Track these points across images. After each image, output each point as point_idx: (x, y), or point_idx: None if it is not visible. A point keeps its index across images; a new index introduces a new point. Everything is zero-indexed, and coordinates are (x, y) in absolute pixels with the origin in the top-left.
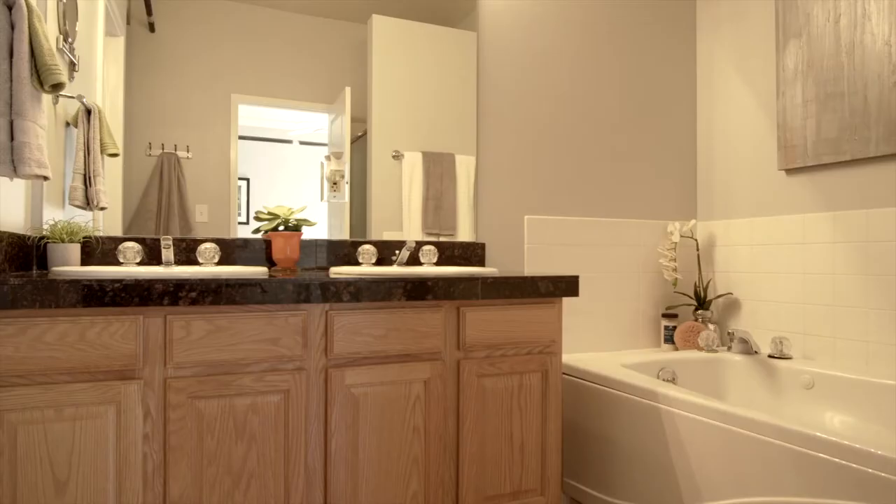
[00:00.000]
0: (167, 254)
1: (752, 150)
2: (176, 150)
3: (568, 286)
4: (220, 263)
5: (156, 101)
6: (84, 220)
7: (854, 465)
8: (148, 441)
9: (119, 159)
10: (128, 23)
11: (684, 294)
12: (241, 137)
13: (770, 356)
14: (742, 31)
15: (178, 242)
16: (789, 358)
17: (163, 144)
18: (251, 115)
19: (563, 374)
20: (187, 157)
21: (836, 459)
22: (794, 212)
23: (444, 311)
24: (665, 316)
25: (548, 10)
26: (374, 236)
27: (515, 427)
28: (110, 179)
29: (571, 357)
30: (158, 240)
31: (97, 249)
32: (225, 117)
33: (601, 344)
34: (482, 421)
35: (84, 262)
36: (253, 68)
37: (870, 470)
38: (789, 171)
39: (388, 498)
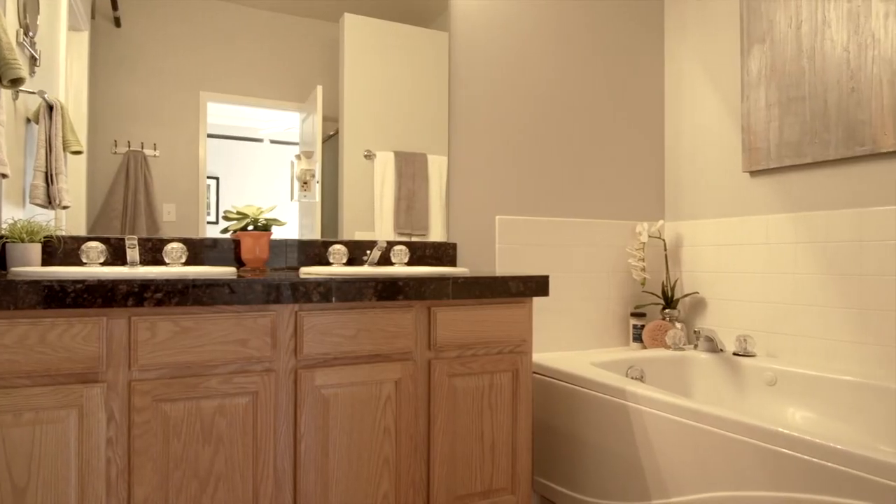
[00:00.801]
0: (132, 254)
1: (718, 152)
2: (143, 147)
3: (538, 286)
4: (187, 263)
5: (122, 97)
6: (45, 219)
7: (815, 460)
8: (111, 445)
9: (83, 157)
10: (92, 17)
11: (652, 293)
12: (210, 136)
13: (735, 354)
14: (708, 36)
15: (144, 242)
16: (753, 355)
17: (129, 142)
18: (221, 113)
19: (534, 373)
20: (154, 156)
21: (798, 454)
22: (758, 213)
23: (415, 311)
24: (634, 315)
25: (519, 12)
26: (346, 236)
27: (486, 426)
28: (74, 178)
29: (542, 356)
30: (123, 239)
31: (59, 249)
32: (194, 115)
33: (571, 343)
34: (453, 421)
35: (45, 263)
36: (223, 66)
37: (830, 464)
38: (753, 173)
39: (359, 499)
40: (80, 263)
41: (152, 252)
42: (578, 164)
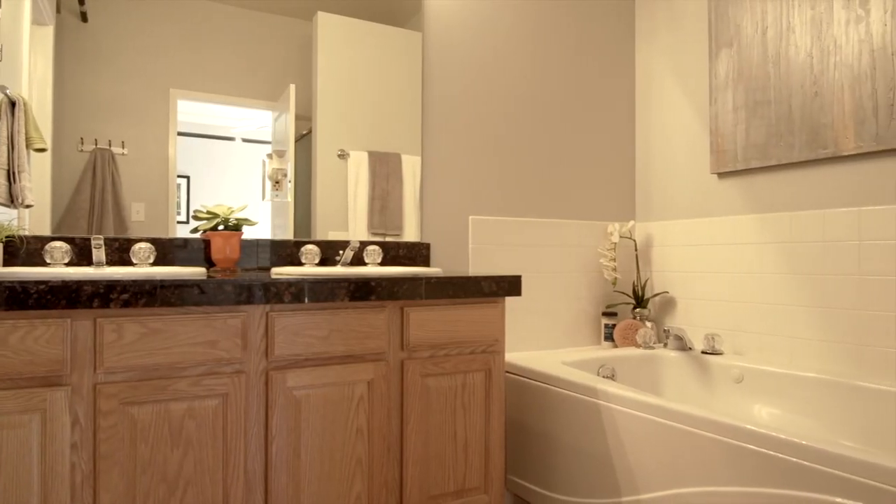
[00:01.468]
0: (98, 254)
1: (687, 154)
2: (110, 145)
3: (511, 286)
4: (156, 264)
5: (88, 94)
6: (7, 218)
7: (780, 455)
8: (76, 450)
9: (47, 155)
10: (58, 11)
11: (623, 293)
12: (180, 134)
13: (703, 352)
14: (678, 40)
15: (111, 242)
16: (721, 353)
17: (96, 140)
18: (191, 111)
19: (507, 372)
20: (122, 154)
21: (764, 450)
22: (726, 214)
23: (387, 311)
24: (605, 314)
25: (493, 14)
26: (320, 236)
27: (459, 426)
28: (38, 176)
29: (514, 355)
30: (89, 239)
31: (22, 249)
32: (163, 113)
33: (544, 342)
34: (426, 421)
35: (7, 263)
36: (194, 63)
37: (794, 459)
38: (721, 175)
39: (332, 500)
40: (44, 264)
41: (119, 252)
42: (551, 165)
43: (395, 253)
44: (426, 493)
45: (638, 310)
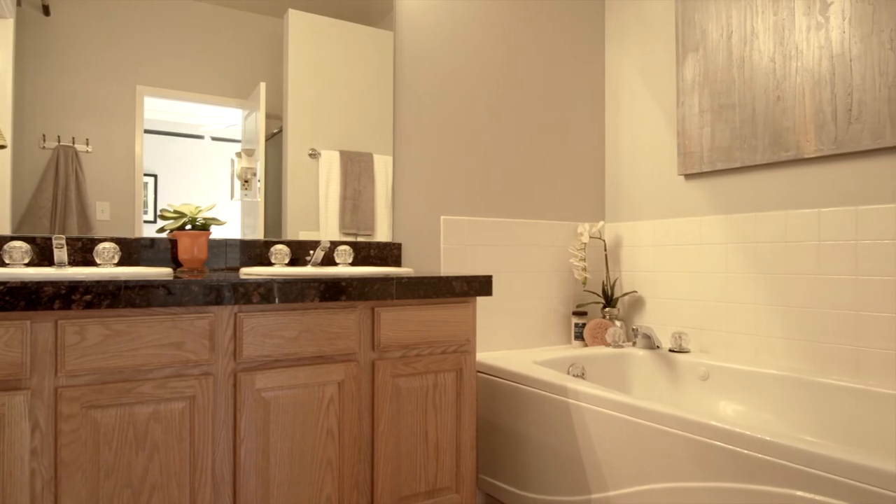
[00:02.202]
0: (60, 254)
1: (655, 156)
2: (74, 143)
3: (482, 286)
4: (122, 264)
5: (51, 90)
6: None
7: (745, 451)
8: (36, 456)
9: (7, 152)
10: (18, 4)
11: (593, 292)
12: (147, 131)
13: (670, 350)
14: (646, 43)
15: (74, 242)
16: (687, 351)
17: (59, 137)
18: (159, 109)
19: (478, 372)
20: (87, 151)
21: (729, 446)
22: (692, 215)
23: (358, 311)
24: (575, 314)
25: (465, 16)
26: (290, 236)
27: (430, 426)
28: None
29: (486, 355)
30: (50, 239)
31: None
32: (129, 110)
33: (515, 342)
34: (397, 421)
35: None
36: (161, 59)
37: (759, 455)
38: (688, 177)
39: (302, 502)
40: (3, 264)
41: (83, 252)
42: (522, 166)
43: (366, 253)
44: (397, 494)
45: (607, 309)
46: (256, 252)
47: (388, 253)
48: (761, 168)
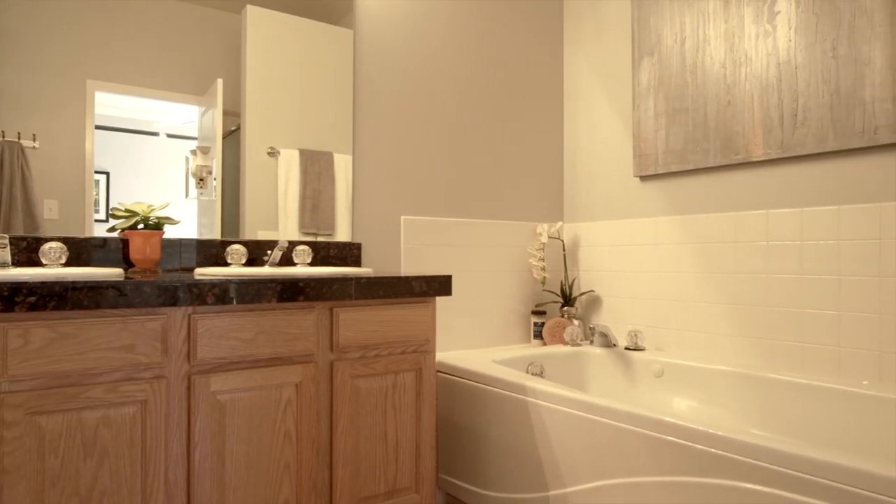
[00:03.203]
0: (2, 254)
1: (612, 158)
2: (19, 138)
3: (441, 285)
4: (71, 264)
5: None
6: None
7: (696, 445)
8: None
9: None
10: None
11: (552, 292)
12: (98, 127)
13: (626, 348)
14: (603, 47)
15: (18, 242)
16: (643, 349)
17: (3, 132)
18: (112, 104)
19: (438, 371)
20: (34, 147)
21: (681, 441)
22: (647, 215)
23: (316, 312)
24: (534, 313)
25: (425, 15)
26: (249, 236)
27: (390, 426)
28: None
29: (445, 355)
30: None
31: None
32: (79, 104)
33: (475, 341)
34: (356, 422)
35: None
36: (113, 53)
37: (708, 448)
38: (643, 178)
39: None
40: None
41: (28, 252)
42: (482, 167)
43: (325, 253)
44: (356, 495)
45: (566, 308)
46: (213, 252)
47: (348, 253)
48: (713, 170)
